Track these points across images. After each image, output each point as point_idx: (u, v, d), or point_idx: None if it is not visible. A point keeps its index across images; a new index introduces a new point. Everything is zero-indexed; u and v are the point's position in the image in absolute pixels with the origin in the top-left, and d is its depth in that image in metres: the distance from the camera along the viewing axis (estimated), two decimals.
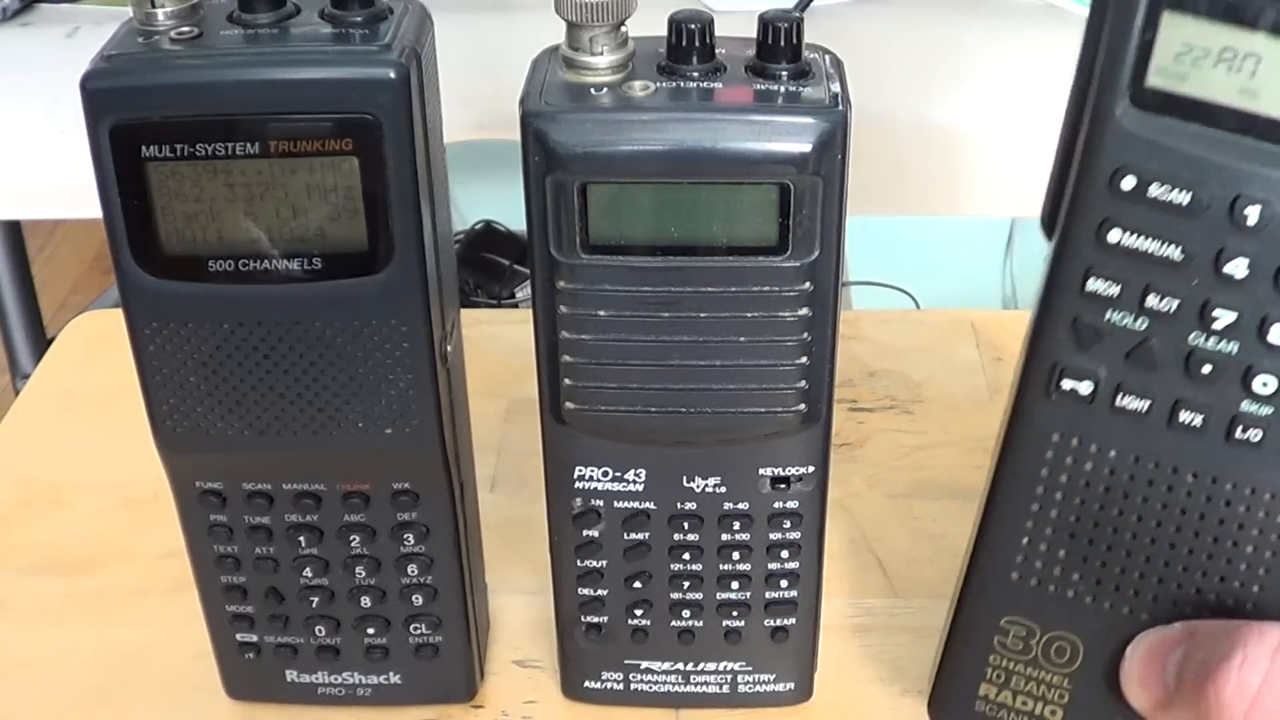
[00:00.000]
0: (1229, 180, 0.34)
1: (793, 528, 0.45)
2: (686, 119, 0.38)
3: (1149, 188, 0.35)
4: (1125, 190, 0.35)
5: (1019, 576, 0.40)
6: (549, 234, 0.39)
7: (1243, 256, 0.35)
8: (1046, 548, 0.40)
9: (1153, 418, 0.37)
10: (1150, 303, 0.36)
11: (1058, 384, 0.38)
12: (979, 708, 0.41)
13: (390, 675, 0.49)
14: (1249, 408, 0.36)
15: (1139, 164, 0.35)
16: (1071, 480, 0.39)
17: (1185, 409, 0.37)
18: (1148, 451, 0.38)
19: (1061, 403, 0.38)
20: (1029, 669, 0.41)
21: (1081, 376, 0.37)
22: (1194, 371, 0.36)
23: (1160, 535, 0.38)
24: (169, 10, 0.38)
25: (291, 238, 0.39)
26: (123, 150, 0.38)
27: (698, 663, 0.49)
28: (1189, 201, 0.34)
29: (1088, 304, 0.36)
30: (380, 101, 0.37)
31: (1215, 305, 0.35)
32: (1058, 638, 0.40)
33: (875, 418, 0.65)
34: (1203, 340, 0.36)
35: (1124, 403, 0.37)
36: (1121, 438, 0.38)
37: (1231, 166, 0.34)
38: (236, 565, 0.46)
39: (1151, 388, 0.37)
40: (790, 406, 0.42)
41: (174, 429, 0.42)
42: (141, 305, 0.40)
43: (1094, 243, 0.36)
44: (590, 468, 0.44)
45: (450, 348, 0.43)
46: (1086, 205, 0.36)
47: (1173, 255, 0.35)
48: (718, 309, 0.40)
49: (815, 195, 0.38)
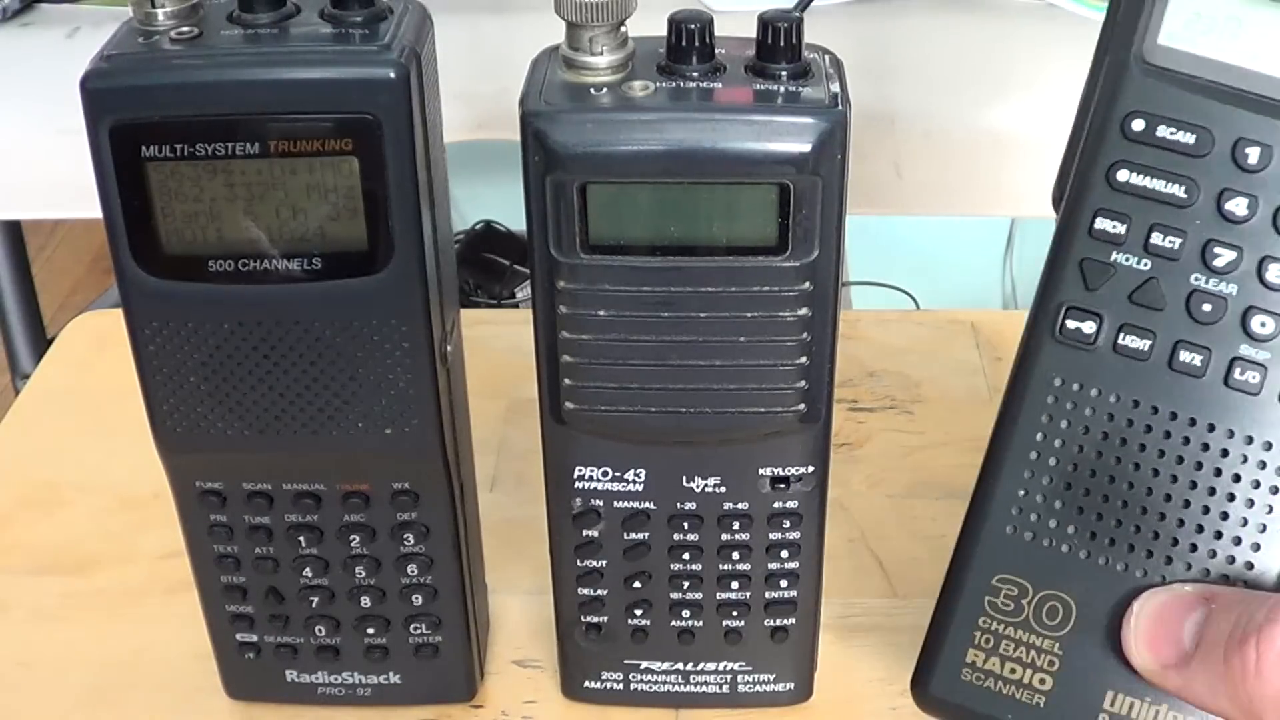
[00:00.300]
0: (1232, 124, 0.37)
1: (792, 528, 0.45)
2: (686, 119, 0.38)
3: (1157, 128, 0.37)
4: (1135, 132, 0.37)
5: (1014, 529, 0.40)
6: (549, 234, 0.39)
7: (1243, 196, 0.37)
8: (1043, 498, 0.40)
9: (1154, 359, 0.38)
10: (1155, 241, 0.38)
11: (1063, 324, 0.39)
12: (965, 676, 0.41)
13: (390, 675, 0.49)
14: (1247, 351, 0.38)
15: (1149, 108, 0.37)
16: (1072, 426, 0.39)
17: (1185, 349, 0.38)
18: (1147, 395, 0.38)
19: (1065, 345, 0.39)
20: (1019, 632, 0.40)
21: (1086, 316, 0.39)
22: (1195, 311, 0.38)
23: (1157, 484, 0.39)
24: (169, 10, 0.38)
25: (291, 238, 0.39)
26: (123, 150, 0.38)
27: (698, 663, 0.49)
28: (1194, 141, 0.37)
29: (1095, 245, 0.38)
30: (380, 101, 0.37)
31: (1216, 245, 0.37)
32: (1050, 597, 0.40)
33: (875, 418, 0.65)
34: (1204, 281, 0.38)
35: (1126, 342, 0.38)
36: (1122, 381, 0.39)
37: (1234, 112, 0.37)
38: (236, 565, 0.46)
39: (1153, 328, 0.38)
40: (790, 406, 0.42)
41: (174, 429, 0.42)
42: (141, 305, 0.40)
43: (1104, 184, 0.38)
44: (590, 468, 0.44)
45: (450, 348, 0.43)
46: (1099, 151, 0.38)
47: (1177, 194, 0.37)
48: (717, 309, 0.40)
49: (815, 195, 0.38)
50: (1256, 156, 0.37)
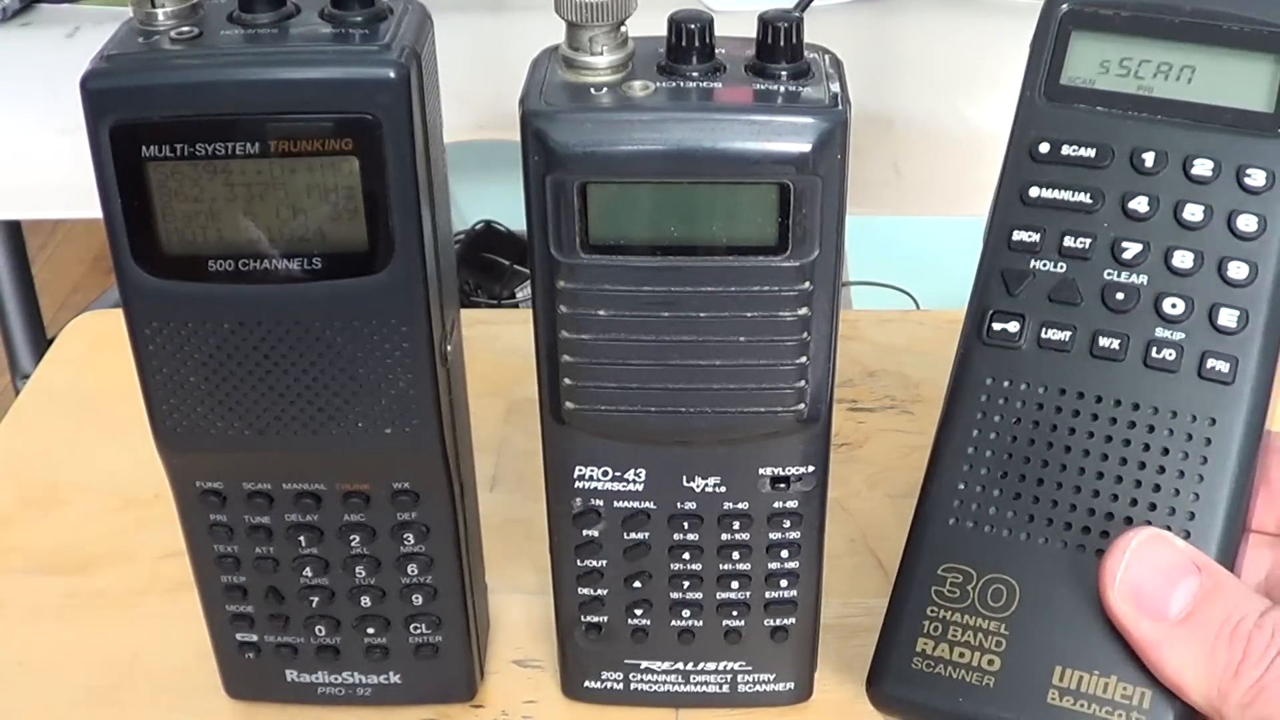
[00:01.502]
0: (1129, 135, 0.41)
1: (793, 528, 0.45)
2: (686, 119, 0.38)
3: (1061, 148, 0.41)
4: (1042, 154, 0.42)
5: (956, 520, 0.42)
6: (549, 234, 0.39)
7: (1144, 196, 0.41)
8: (982, 488, 0.42)
9: (1075, 349, 0.41)
10: (1068, 244, 0.41)
11: (989, 327, 0.42)
12: (916, 665, 0.41)
13: (390, 675, 0.49)
14: (1162, 333, 0.40)
15: (1054, 133, 0.42)
16: (1004, 420, 0.42)
17: (1104, 337, 0.41)
18: (1072, 382, 0.41)
19: (993, 346, 0.42)
20: (966, 617, 0.41)
21: (1010, 318, 0.42)
22: (1110, 302, 0.41)
23: (1088, 464, 0.41)
24: (169, 10, 0.38)
25: (291, 238, 0.39)
26: (123, 150, 0.38)
27: (698, 662, 0.49)
28: (1095, 154, 0.41)
29: (1014, 255, 0.42)
30: (380, 101, 0.37)
31: (1124, 241, 0.41)
32: (994, 580, 0.41)
33: (875, 418, 0.65)
34: (1116, 274, 0.41)
35: (1048, 335, 0.41)
36: (1048, 373, 0.41)
37: (1130, 125, 0.41)
38: (236, 565, 0.46)
39: (1073, 321, 0.41)
40: (790, 406, 0.42)
41: (174, 429, 0.42)
42: (141, 305, 0.40)
43: (1018, 203, 0.42)
44: (590, 467, 0.44)
45: (450, 348, 0.43)
46: (1011, 174, 0.42)
47: (1084, 201, 0.41)
48: (717, 309, 0.40)
49: (815, 195, 0.38)
50: (1153, 160, 0.41)
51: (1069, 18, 0.42)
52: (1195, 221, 0.40)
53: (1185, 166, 0.40)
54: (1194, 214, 0.40)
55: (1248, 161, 0.40)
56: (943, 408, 0.43)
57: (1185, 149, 0.40)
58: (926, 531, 0.42)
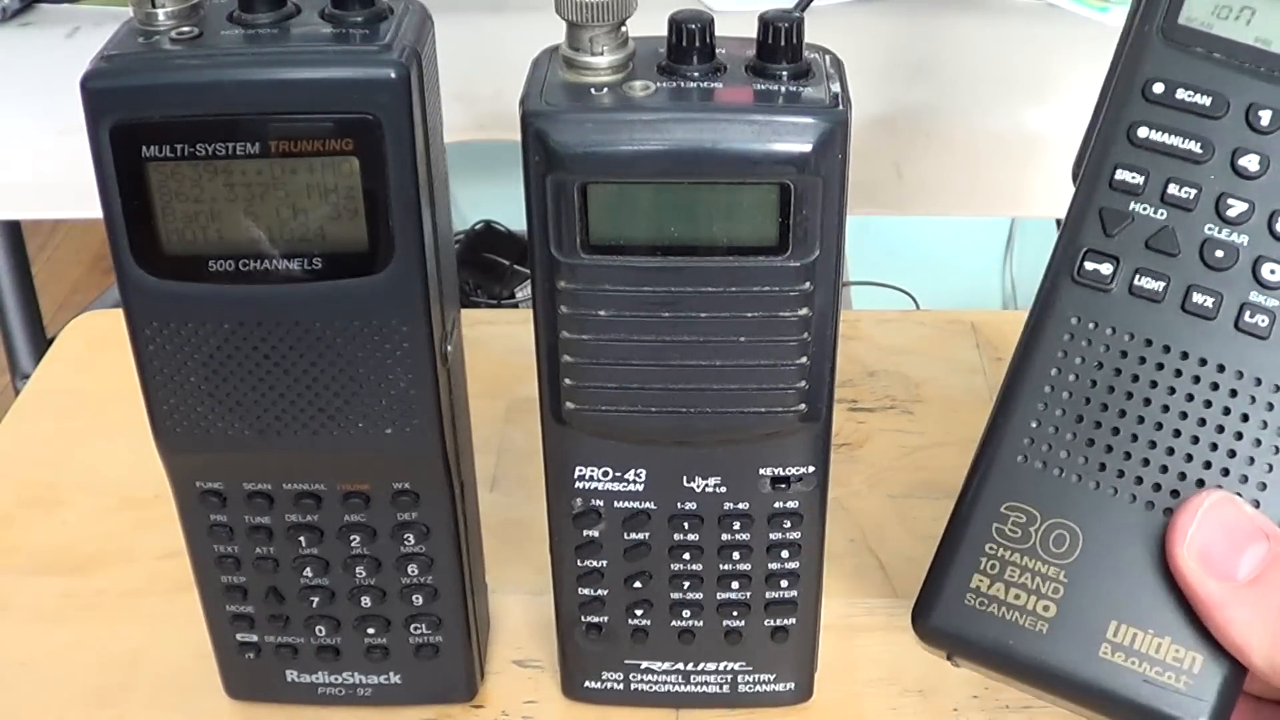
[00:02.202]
0: (1246, 90, 0.40)
1: (793, 528, 0.45)
2: (686, 119, 0.38)
3: (1176, 91, 0.40)
4: (1156, 94, 0.40)
5: (1025, 459, 0.41)
6: (549, 234, 0.39)
7: (1256, 154, 0.39)
8: (1055, 429, 0.41)
9: (1167, 302, 0.40)
10: (1171, 192, 0.40)
11: (1082, 266, 0.41)
12: (969, 601, 0.41)
13: (390, 675, 0.49)
14: (1257, 297, 0.40)
15: (1169, 75, 0.40)
16: (1086, 363, 0.41)
17: (1198, 292, 0.40)
18: (1160, 335, 0.40)
19: (1083, 286, 0.41)
20: (1025, 559, 0.41)
21: (1104, 259, 0.41)
22: (1208, 258, 0.40)
23: (1167, 421, 0.40)
24: (169, 10, 0.38)
25: (291, 238, 0.39)
26: (123, 150, 0.38)
27: (698, 663, 0.49)
28: (1210, 103, 0.40)
29: (1115, 195, 0.41)
30: (380, 101, 0.37)
31: (1230, 198, 0.40)
32: (1058, 525, 0.41)
33: (875, 418, 0.65)
34: (1217, 230, 0.40)
35: (1141, 283, 0.40)
36: (1136, 321, 0.40)
37: (1248, 80, 0.40)
38: (236, 565, 0.46)
39: (1168, 272, 0.40)
40: (790, 406, 0.42)
41: (174, 429, 0.42)
42: (141, 305, 0.40)
43: (1125, 141, 0.41)
44: (590, 468, 0.44)
45: (450, 348, 0.43)
46: (1121, 113, 0.41)
47: (1194, 150, 0.40)
48: (718, 309, 0.40)
49: (815, 195, 0.38)
50: (1269, 119, 0.39)
51: None
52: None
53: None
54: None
55: None
56: (1020, 342, 0.42)
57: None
58: (993, 466, 0.41)
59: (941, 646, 0.42)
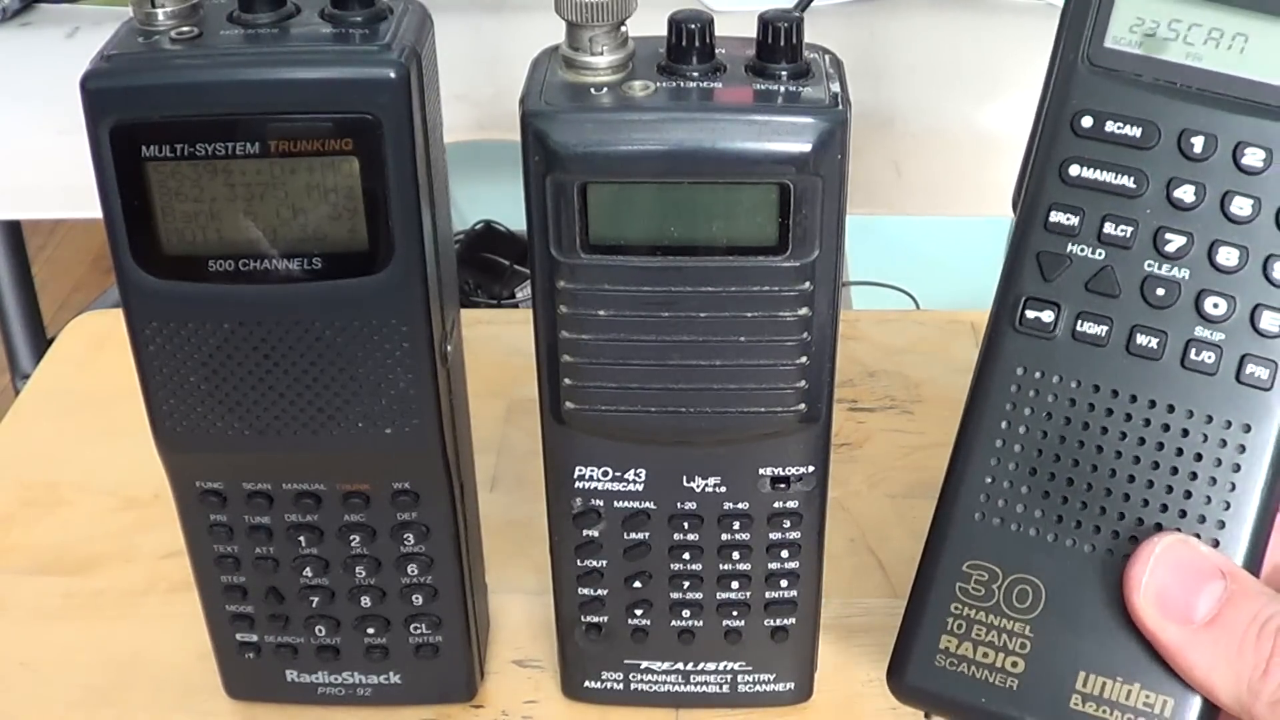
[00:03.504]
0: (1176, 117, 0.39)
1: (793, 528, 0.45)
2: (686, 119, 0.38)
3: (1105, 124, 0.39)
4: (1084, 128, 0.39)
5: (983, 516, 0.41)
6: (549, 234, 0.39)
7: (1190, 184, 0.39)
8: (1010, 484, 0.41)
9: (1112, 345, 0.40)
10: (1108, 231, 0.39)
11: (1023, 314, 0.40)
12: (939, 663, 0.41)
13: (390, 675, 0.49)
14: (1202, 332, 0.39)
15: (1097, 105, 0.39)
16: (1035, 413, 0.40)
17: (1142, 333, 0.39)
18: (1107, 379, 0.40)
19: (1026, 335, 0.40)
20: (990, 616, 0.41)
21: (1044, 306, 0.40)
22: (1149, 296, 0.39)
23: (1120, 466, 0.40)
24: (169, 10, 0.38)
25: (291, 238, 0.39)
26: (123, 150, 0.38)
27: (698, 663, 0.49)
28: (1140, 134, 0.39)
29: (1051, 238, 0.40)
30: (380, 101, 0.37)
31: (1167, 231, 0.39)
32: (1020, 580, 0.41)
33: (875, 418, 0.65)
34: (1157, 267, 0.39)
35: (1084, 328, 0.40)
36: (1082, 367, 0.40)
37: (1178, 105, 0.39)
38: (236, 565, 0.46)
39: (1110, 314, 0.39)
40: (790, 406, 0.42)
41: (174, 429, 0.42)
42: (141, 305, 0.40)
43: (1057, 180, 0.40)
44: (590, 468, 0.44)
45: (450, 348, 0.43)
46: (1051, 149, 0.40)
47: (1127, 185, 0.39)
48: (717, 309, 0.40)
49: (815, 195, 0.38)
50: (1201, 146, 0.38)
51: None
52: (1243, 216, 0.38)
53: (1235, 155, 0.38)
54: (1242, 208, 0.38)
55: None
56: (969, 395, 0.42)
57: (1236, 134, 0.38)
58: (951, 526, 0.42)
59: (918, 705, 0.42)
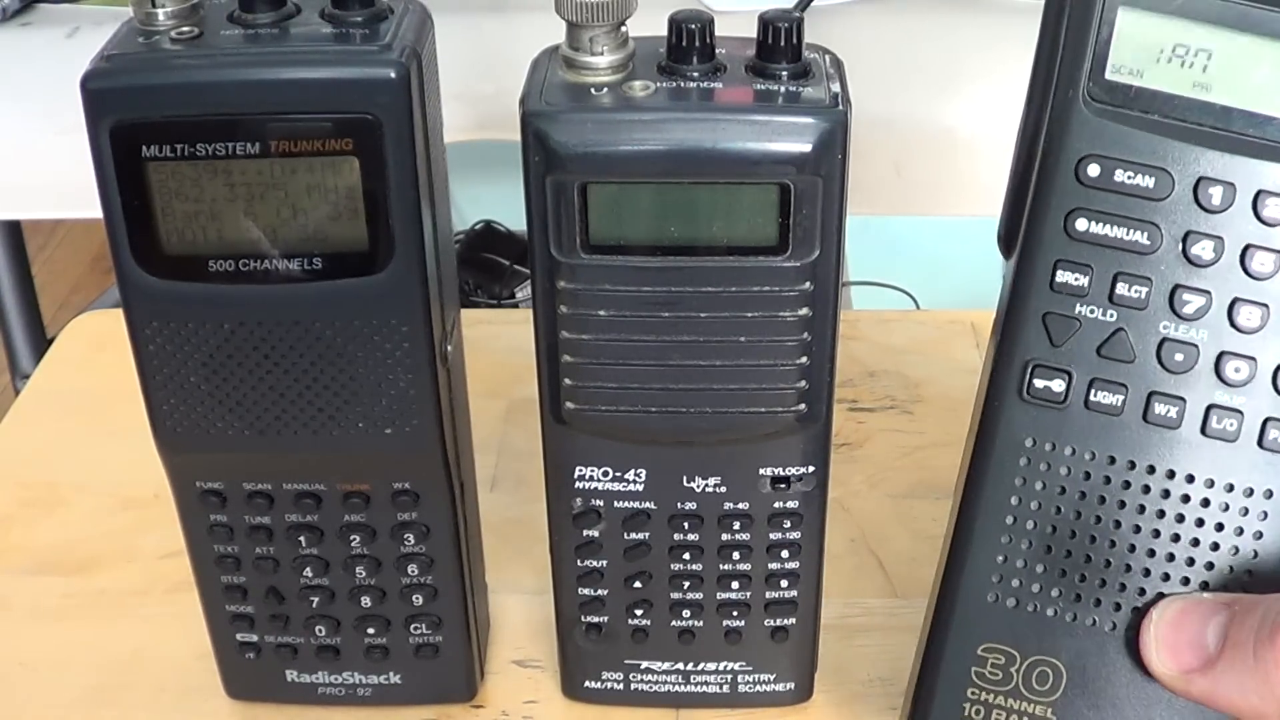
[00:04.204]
0: (1192, 163, 0.35)
1: (793, 528, 0.45)
2: (686, 119, 0.38)
3: (1114, 173, 0.36)
4: (1091, 177, 0.36)
5: (995, 598, 0.39)
6: (549, 234, 0.39)
7: (1208, 239, 0.35)
8: (1024, 563, 0.39)
9: (1128, 414, 0.37)
10: (1120, 291, 0.36)
11: (1030, 383, 0.37)
12: None
13: (390, 675, 0.49)
14: (1222, 397, 0.36)
15: (1103, 150, 0.36)
16: (1047, 488, 0.38)
17: (1160, 401, 0.37)
18: (1124, 450, 0.37)
19: (1034, 404, 0.38)
20: (1010, 700, 0.39)
21: (1054, 374, 0.37)
22: (1166, 361, 0.36)
23: (1139, 541, 0.38)
24: (169, 10, 0.38)
25: (291, 238, 0.39)
26: (123, 150, 0.38)
27: (698, 663, 0.49)
28: (1154, 184, 0.35)
29: (1058, 298, 0.37)
30: (380, 101, 0.37)
31: (1184, 291, 0.36)
32: (1039, 663, 0.39)
33: (875, 418, 0.65)
34: (1174, 329, 0.36)
35: (1098, 398, 0.37)
36: (1097, 438, 0.37)
37: (1193, 150, 0.35)
38: (236, 565, 0.46)
39: (1125, 381, 0.37)
40: (790, 406, 0.42)
41: (174, 429, 0.42)
42: (141, 305, 0.40)
43: (1062, 234, 0.36)
44: (590, 468, 0.44)
45: (450, 348, 0.43)
46: (1053, 198, 0.36)
47: (1140, 240, 0.36)
48: (718, 309, 0.40)
49: (815, 195, 0.38)
50: (1220, 196, 0.35)
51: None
52: (1264, 272, 0.36)
53: (1256, 206, 0.35)
54: (1264, 264, 0.35)
55: None
56: (970, 465, 0.39)
57: (1256, 183, 0.35)
58: (963, 608, 0.40)
59: None
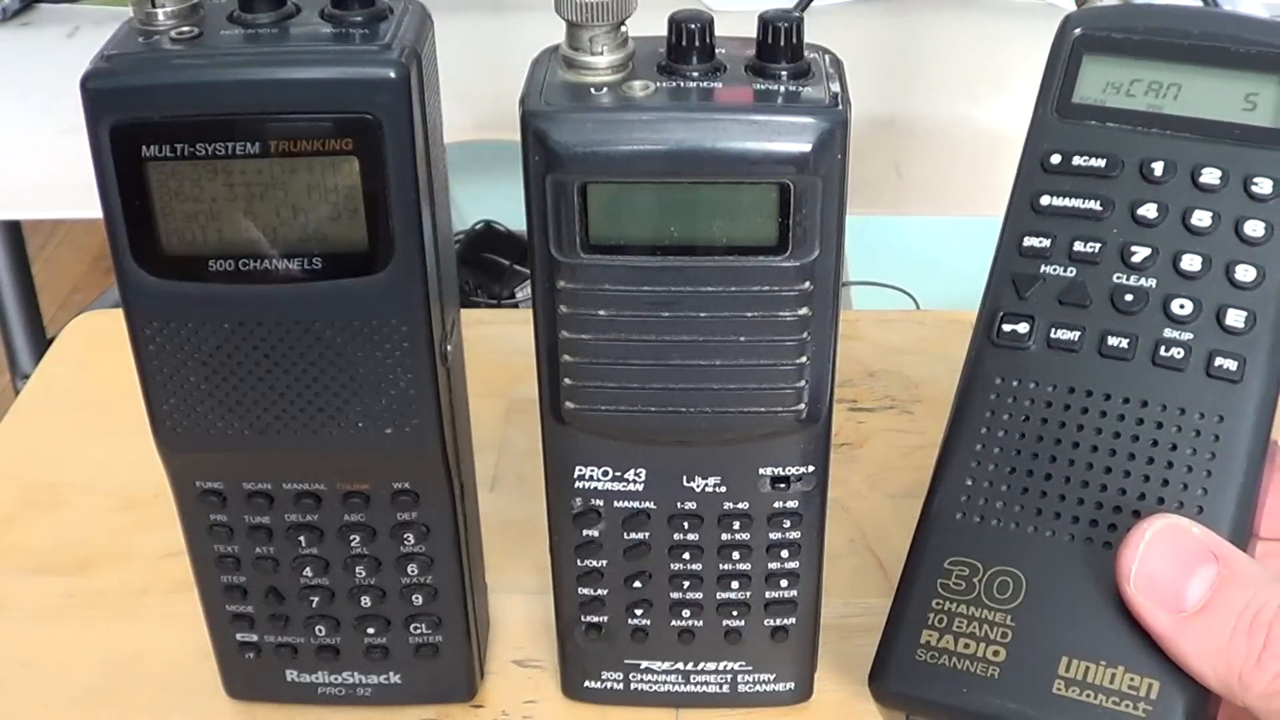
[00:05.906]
0: (1137, 147, 0.42)
1: (793, 527, 0.45)
2: (686, 119, 0.38)
3: (1072, 159, 0.42)
4: (1053, 165, 0.43)
5: (963, 515, 0.42)
6: (549, 234, 0.39)
7: (1153, 203, 0.42)
8: (990, 484, 0.42)
9: (1084, 349, 0.42)
10: (1077, 249, 0.42)
11: (999, 328, 0.43)
12: (920, 656, 0.41)
13: (390, 675, 0.49)
14: (1170, 333, 0.41)
15: (1065, 145, 0.43)
16: (1012, 418, 0.42)
17: (1113, 336, 0.41)
18: (1081, 381, 0.42)
19: (1002, 347, 0.43)
20: (971, 609, 0.41)
21: (1019, 320, 0.42)
22: (1119, 303, 0.41)
23: (1097, 460, 0.41)
24: (169, 10, 0.38)
25: (291, 238, 0.39)
26: (123, 150, 0.38)
27: (698, 662, 0.49)
28: (1105, 165, 0.42)
29: (1025, 261, 0.43)
30: (380, 101, 0.37)
31: (1133, 245, 0.41)
32: (1001, 572, 0.41)
33: (875, 418, 0.65)
34: (1125, 278, 0.42)
35: (1058, 335, 0.42)
36: (1056, 371, 0.42)
37: (1139, 138, 0.42)
38: (236, 565, 0.46)
39: (1082, 323, 0.42)
40: (790, 406, 0.42)
41: (174, 429, 0.42)
42: (141, 305, 0.40)
43: (1030, 212, 0.43)
44: (590, 467, 0.44)
45: (450, 348, 0.43)
46: (1023, 185, 0.43)
47: (1094, 208, 0.42)
48: (718, 309, 0.40)
49: (815, 195, 0.38)
50: (1161, 170, 0.42)
51: (1081, 42, 0.43)
52: (1203, 227, 0.41)
53: (1194, 175, 0.41)
54: (1202, 220, 0.41)
55: (1255, 171, 0.41)
56: (952, 408, 0.43)
57: (1193, 159, 0.41)
58: (933, 527, 0.42)
59: (898, 708, 0.42)
